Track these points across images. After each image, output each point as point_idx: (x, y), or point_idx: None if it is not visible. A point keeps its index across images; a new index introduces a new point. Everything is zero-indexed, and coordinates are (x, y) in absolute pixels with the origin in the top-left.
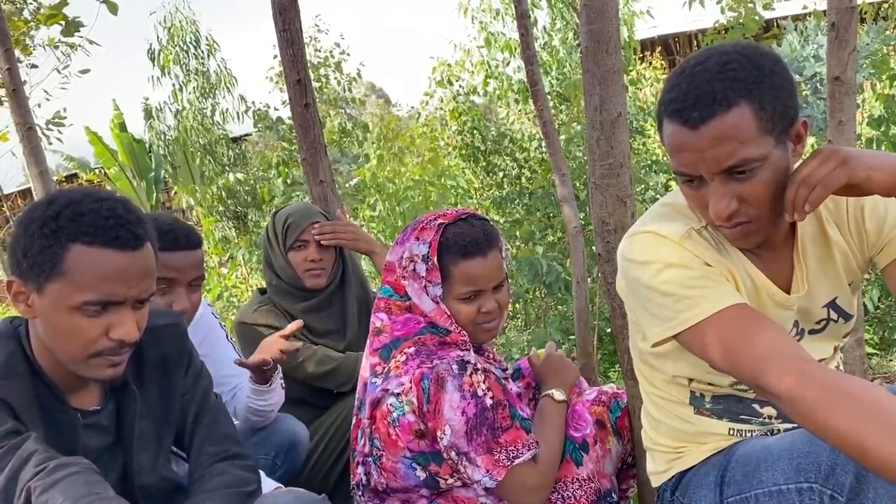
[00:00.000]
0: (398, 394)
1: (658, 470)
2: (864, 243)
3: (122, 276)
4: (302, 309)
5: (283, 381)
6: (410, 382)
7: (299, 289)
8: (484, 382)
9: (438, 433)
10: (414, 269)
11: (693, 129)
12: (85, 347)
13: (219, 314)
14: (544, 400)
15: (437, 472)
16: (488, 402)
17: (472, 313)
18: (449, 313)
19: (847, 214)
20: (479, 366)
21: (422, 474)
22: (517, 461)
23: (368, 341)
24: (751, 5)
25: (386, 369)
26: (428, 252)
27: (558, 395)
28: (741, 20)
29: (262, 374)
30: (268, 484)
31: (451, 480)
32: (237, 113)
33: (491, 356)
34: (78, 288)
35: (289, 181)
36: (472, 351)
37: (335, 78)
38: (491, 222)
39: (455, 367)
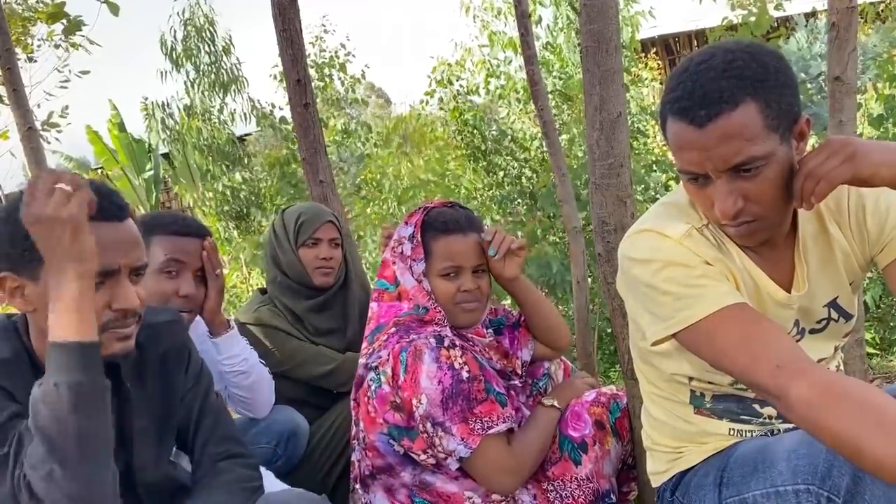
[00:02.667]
0: (375, 367)
1: (658, 470)
2: (865, 242)
3: (114, 244)
4: (305, 307)
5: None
6: (389, 355)
7: (306, 286)
8: (461, 357)
9: (414, 402)
10: (402, 251)
11: (700, 127)
12: None
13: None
14: (538, 406)
15: (410, 448)
16: (464, 374)
17: (451, 291)
18: (429, 290)
19: (848, 213)
20: (456, 341)
21: (399, 449)
22: (491, 431)
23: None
24: (760, 5)
25: (370, 351)
26: (413, 231)
27: (552, 402)
28: (752, 17)
29: (214, 324)
30: (271, 481)
31: (423, 457)
32: (244, 113)
33: (478, 348)
34: None
35: (293, 182)
36: (448, 328)
37: (339, 78)
38: (473, 211)
39: (433, 340)
